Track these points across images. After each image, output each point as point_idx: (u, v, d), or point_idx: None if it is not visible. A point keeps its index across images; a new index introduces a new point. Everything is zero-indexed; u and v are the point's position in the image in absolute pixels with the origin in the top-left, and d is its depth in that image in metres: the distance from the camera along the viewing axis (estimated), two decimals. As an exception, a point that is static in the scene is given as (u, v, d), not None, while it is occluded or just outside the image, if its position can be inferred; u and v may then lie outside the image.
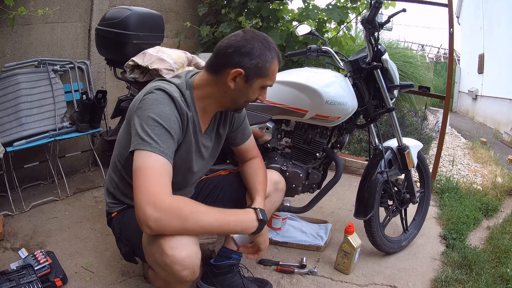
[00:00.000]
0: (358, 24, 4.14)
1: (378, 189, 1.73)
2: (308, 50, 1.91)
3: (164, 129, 1.02)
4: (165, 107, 1.04)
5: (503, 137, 6.57)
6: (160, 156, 0.99)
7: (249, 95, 1.14)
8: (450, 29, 2.49)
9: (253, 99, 1.16)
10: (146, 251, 1.06)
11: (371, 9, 1.52)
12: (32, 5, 2.23)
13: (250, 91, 1.13)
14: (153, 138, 1.00)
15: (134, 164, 1.00)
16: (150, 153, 0.99)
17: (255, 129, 1.74)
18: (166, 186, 0.98)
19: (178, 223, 0.96)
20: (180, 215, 0.97)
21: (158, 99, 1.05)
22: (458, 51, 11.22)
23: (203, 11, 3.27)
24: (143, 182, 0.96)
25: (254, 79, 1.10)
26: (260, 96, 1.17)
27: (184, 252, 0.98)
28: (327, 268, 1.78)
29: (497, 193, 2.75)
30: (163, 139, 1.01)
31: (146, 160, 0.98)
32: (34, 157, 2.40)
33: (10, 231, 1.96)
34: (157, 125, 1.01)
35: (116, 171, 1.27)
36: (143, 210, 0.93)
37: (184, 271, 1.00)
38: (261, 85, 1.13)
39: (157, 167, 0.98)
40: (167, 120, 1.03)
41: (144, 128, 1.01)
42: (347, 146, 3.57)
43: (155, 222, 0.93)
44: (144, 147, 0.99)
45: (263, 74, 1.11)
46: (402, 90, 1.85)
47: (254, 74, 1.09)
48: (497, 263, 1.84)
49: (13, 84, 2.16)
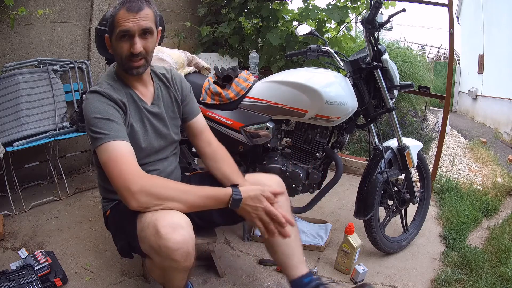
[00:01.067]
0: (358, 24, 4.14)
1: (378, 189, 1.73)
2: (308, 50, 1.91)
3: (104, 120, 1.11)
4: (96, 103, 1.14)
5: (503, 137, 6.57)
6: (114, 141, 1.09)
7: (117, 50, 1.18)
8: (450, 29, 2.49)
9: (123, 51, 1.16)
10: (141, 237, 1.09)
11: (371, 9, 1.52)
12: (32, 5, 2.23)
13: (115, 47, 1.18)
14: (100, 131, 1.10)
15: (100, 161, 1.10)
16: (106, 144, 1.09)
17: (254, 128, 1.74)
18: (134, 163, 1.09)
19: (162, 188, 1.09)
20: (160, 183, 1.10)
21: (88, 101, 1.16)
22: (458, 51, 11.22)
23: (202, 11, 3.27)
24: (115, 169, 1.07)
25: (111, 37, 1.18)
26: (132, 48, 1.15)
27: (177, 233, 1.03)
28: (327, 268, 1.78)
29: (497, 193, 2.75)
30: (108, 127, 1.11)
31: (106, 152, 1.09)
32: (34, 157, 2.40)
33: (10, 231, 1.96)
34: (98, 120, 1.11)
35: (99, 171, 1.33)
36: (127, 187, 1.05)
37: (178, 251, 1.02)
38: (115, 37, 1.16)
39: (118, 152, 1.09)
40: (102, 111, 1.13)
41: (91, 128, 1.12)
42: (347, 146, 3.57)
43: (140, 189, 1.05)
44: (98, 142, 1.09)
45: (112, 27, 1.16)
46: (402, 90, 1.85)
47: (108, 33, 1.19)
48: (497, 263, 1.84)
49: (13, 84, 2.16)
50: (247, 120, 1.74)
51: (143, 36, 1.16)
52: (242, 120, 1.76)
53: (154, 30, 1.19)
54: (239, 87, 1.76)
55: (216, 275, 1.67)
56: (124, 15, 1.13)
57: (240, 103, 1.76)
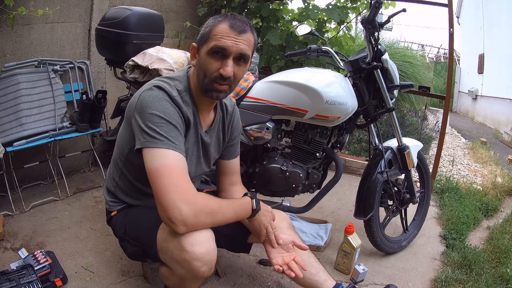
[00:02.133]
0: (358, 24, 4.14)
1: (378, 189, 1.73)
2: (308, 50, 1.91)
3: (172, 125, 1.01)
4: (167, 104, 1.03)
5: (503, 137, 6.57)
6: (176, 153, 0.99)
7: (203, 66, 1.06)
8: (450, 29, 2.49)
9: (211, 71, 1.05)
10: (163, 248, 1.06)
11: (371, 9, 1.52)
12: (32, 5, 2.23)
13: (202, 61, 1.06)
14: (164, 135, 0.98)
15: (150, 163, 0.97)
16: (165, 150, 0.97)
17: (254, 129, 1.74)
18: (190, 183, 1.00)
19: (209, 218, 1.01)
20: (211, 210, 1.01)
21: (158, 96, 1.03)
22: (458, 51, 11.21)
23: (202, 12, 3.27)
24: (169, 181, 0.95)
25: (201, 46, 1.06)
26: (222, 69, 1.04)
27: (203, 248, 1.01)
28: (327, 268, 1.77)
29: (497, 193, 2.75)
30: (173, 135, 1.00)
31: (163, 158, 0.96)
32: (34, 157, 2.40)
33: (10, 231, 1.96)
34: (164, 121, 1.00)
35: (116, 170, 1.27)
36: (179, 209, 0.94)
37: (204, 267, 1.02)
38: (207, 50, 1.04)
39: (177, 164, 0.98)
40: (172, 116, 1.02)
41: (150, 125, 0.98)
42: (347, 146, 3.57)
43: (192, 218, 0.96)
44: (156, 144, 0.97)
45: (208, 39, 1.04)
46: (402, 90, 1.85)
47: (199, 42, 1.07)
48: (497, 263, 1.84)
49: (13, 84, 2.16)
50: (247, 120, 1.74)
51: (237, 61, 1.05)
52: (242, 120, 1.73)
53: (249, 59, 1.08)
54: (239, 87, 1.76)
55: (216, 275, 1.67)
56: (225, 30, 1.02)
57: (240, 103, 1.76)
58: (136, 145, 1.01)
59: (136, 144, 1.01)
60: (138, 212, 1.11)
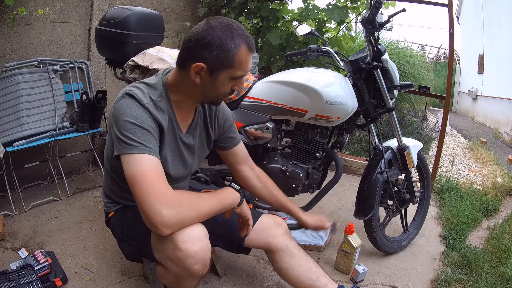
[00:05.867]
0: (358, 24, 4.14)
1: (378, 189, 1.73)
2: (308, 50, 1.91)
3: (144, 130, 1.02)
4: (138, 109, 1.04)
5: (503, 137, 6.57)
6: (151, 156, 1.00)
7: (219, 88, 1.07)
8: (450, 29, 2.49)
9: (226, 91, 1.09)
10: (157, 248, 1.07)
11: (371, 9, 1.52)
12: (32, 5, 2.23)
13: (218, 83, 1.06)
14: (137, 140, 0.99)
15: (127, 170, 0.98)
16: (140, 155, 0.98)
17: (254, 128, 1.74)
18: (167, 184, 0.99)
19: (193, 211, 1.00)
20: (192, 203, 1.00)
21: (129, 103, 1.04)
22: (458, 51, 11.22)
23: (202, 12, 3.27)
24: (147, 186, 0.95)
25: (220, 71, 1.04)
26: (235, 86, 1.09)
27: (197, 246, 1.01)
28: (327, 268, 1.78)
29: (497, 193, 2.75)
30: (147, 139, 1.01)
31: (139, 163, 0.97)
32: (34, 157, 2.40)
33: (10, 231, 1.96)
34: (136, 127, 1.01)
35: (107, 173, 1.29)
36: (159, 212, 0.93)
37: (197, 264, 1.02)
38: (230, 77, 1.05)
39: (153, 168, 0.99)
40: (144, 121, 1.03)
41: (124, 133, 1.00)
42: (347, 146, 3.57)
43: (174, 218, 0.95)
44: (131, 150, 0.98)
45: (229, 65, 1.03)
46: (402, 90, 1.85)
47: (218, 66, 1.03)
48: (497, 263, 1.84)
49: (13, 84, 2.16)
50: (247, 120, 1.74)
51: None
52: (242, 120, 1.76)
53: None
54: (239, 87, 1.76)
55: (216, 275, 1.67)
56: (247, 56, 1.03)
57: (240, 103, 1.76)
58: (115, 152, 1.03)
59: (115, 151, 1.03)
60: (133, 212, 1.11)
